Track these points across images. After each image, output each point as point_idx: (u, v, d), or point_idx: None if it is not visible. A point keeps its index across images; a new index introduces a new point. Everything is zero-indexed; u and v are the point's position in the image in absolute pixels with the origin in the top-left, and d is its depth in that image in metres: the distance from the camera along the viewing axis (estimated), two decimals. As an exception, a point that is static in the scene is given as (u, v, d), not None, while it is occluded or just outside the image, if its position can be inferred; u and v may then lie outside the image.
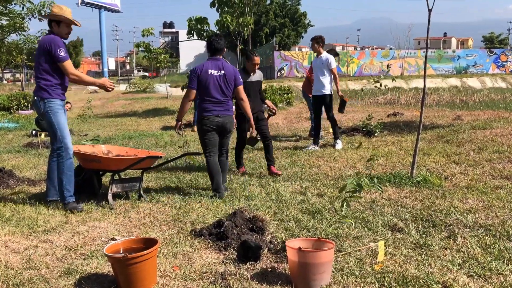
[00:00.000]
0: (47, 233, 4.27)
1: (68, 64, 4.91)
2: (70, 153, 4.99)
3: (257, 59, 6.70)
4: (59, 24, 4.97)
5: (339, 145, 8.47)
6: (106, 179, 6.05)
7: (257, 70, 6.81)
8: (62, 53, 4.83)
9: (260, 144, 7.29)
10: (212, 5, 13.79)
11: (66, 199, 4.94)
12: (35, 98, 4.97)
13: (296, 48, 60.62)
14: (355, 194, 3.95)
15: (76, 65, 71.71)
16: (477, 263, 3.41)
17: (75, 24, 5.11)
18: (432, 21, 5.87)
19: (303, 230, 4.18)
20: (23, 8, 13.73)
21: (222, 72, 5.44)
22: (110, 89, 5.21)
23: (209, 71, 5.40)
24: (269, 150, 6.68)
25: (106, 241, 4.01)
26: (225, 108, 5.50)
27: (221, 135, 5.58)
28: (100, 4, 56.01)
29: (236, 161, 7.11)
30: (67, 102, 7.04)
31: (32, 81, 45.44)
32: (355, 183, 3.85)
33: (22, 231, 4.32)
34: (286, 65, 39.23)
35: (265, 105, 7.28)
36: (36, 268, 3.47)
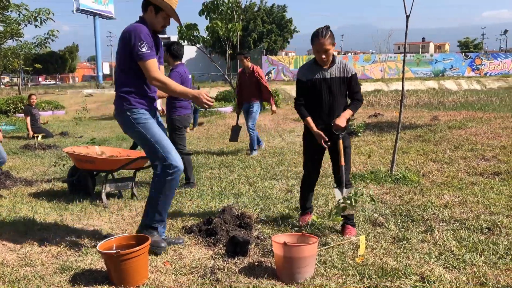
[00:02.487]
0: (42, 232, 4.23)
1: (151, 65, 3.44)
2: (177, 168, 3.54)
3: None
4: (157, 12, 3.56)
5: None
6: (100, 178, 6.02)
7: None
8: (144, 48, 3.39)
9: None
10: (201, 13, 13.76)
11: (154, 222, 3.63)
12: (116, 111, 3.68)
13: (283, 53, 60.71)
14: (344, 212, 3.85)
15: (72, 69, 71.21)
16: (452, 255, 3.44)
17: (176, 20, 3.75)
18: (411, 27, 5.91)
19: (288, 226, 4.19)
20: (19, 14, 13.59)
21: (190, 76, 5.98)
22: (206, 106, 3.55)
23: (188, 75, 5.91)
24: None
25: (100, 239, 3.99)
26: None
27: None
28: (95, 11, 55.56)
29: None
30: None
31: (29, 85, 44.99)
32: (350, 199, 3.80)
33: (19, 229, 4.28)
34: (274, 69, 39.29)
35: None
36: (32, 265, 3.43)
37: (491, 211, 4.47)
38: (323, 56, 3.87)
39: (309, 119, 4.02)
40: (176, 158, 3.55)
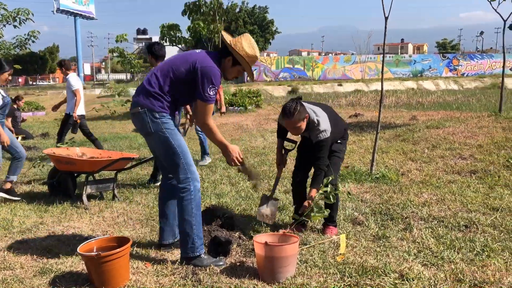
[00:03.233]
0: (22, 234, 4.16)
1: (210, 109, 3.30)
2: (198, 185, 3.39)
3: None
4: (234, 64, 3.39)
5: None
6: (81, 180, 5.93)
7: None
8: (212, 92, 3.23)
9: None
10: (184, 13, 13.69)
11: (198, 250, 3.35)
12: (140, 109, 3.32)
13: (265, 54, 60.79)
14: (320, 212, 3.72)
15: (52, 70, 70.18)
16: (430, 253, 3.48)
17: (249, 74, 3.55)
18: (390, 28, 5.97)
19: (270, 226, 4.19)
20: (-3, 15, 13.35)
21: None
22: (232, 164, 3.48)
23: None
24: None
25: (81, 241, 3.93)
26: None
27: None
28: (75, 11, 54.85)
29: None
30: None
31: (9, 86, 44.13)
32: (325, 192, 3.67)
33: (-3, 232, 4.20)
34: (255, 69, 39.27)
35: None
36: (11, 269, 3.37)
37: (468, 209, 4.54)
38: (293, 132, 3.85)
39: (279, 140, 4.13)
40: (195, 171, 3.39)
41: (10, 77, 5.43)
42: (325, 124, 3.81)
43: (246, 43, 3.33)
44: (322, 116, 3.86)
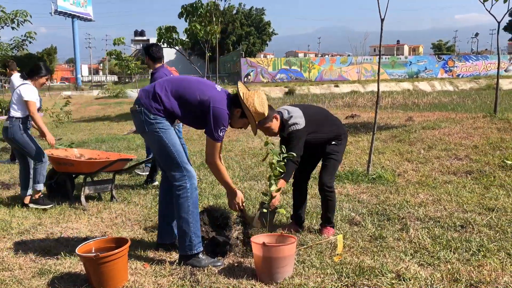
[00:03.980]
0: (20, 235, 4.16)
1: (217, 148, 3.34)
2: (195, 183, 3.41)
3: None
4: (242, 117, 3.42)
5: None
6: (80, 180, 5.92)
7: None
8: (222, 133, 3.29)
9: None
10: (181, 15, 13.67)
11: (195, 248, 3.36)
12: (137, 108, 3.34)
13: (262, 55, 60.79)
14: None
15: (50, 71, 70.00)
16: (427, 253, 3.49)
17: (253, 129, 3.55)
18: (386, 30, 5.98)
19: (267, 226, 4.18)
20: (-5, 16, 13.26)
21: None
22: (233, 208, 3.69)
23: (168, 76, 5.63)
24: None
25: (79, 242, 3.93)
26: None
27: None
28: (73, 13, 54.78)
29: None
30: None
31: (6, 88, 43.95)
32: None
33: (-4, 233, 4.19)
34: (252, 71, 39.28)
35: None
36: (10, 270, 3.36)
37: (464, 209, 4.55)
38: (267, 133, 3.89)
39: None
40: (191, 169, 3.41)
41: (47, 82, 5.31)
42: (296, 119, 3.84)
43: (257, 100, 3.35)
44: (294, 112, 3.90)
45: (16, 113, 5.06)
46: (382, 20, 5.92)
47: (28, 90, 5.07)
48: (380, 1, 5.93)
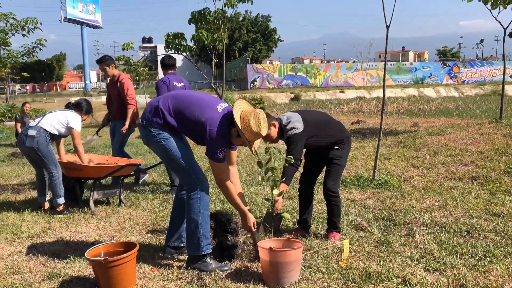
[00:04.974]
0: (30, 239, 4.18)
1: (222, 167, 3.36)
2: (207, 186, 3.44)
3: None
4: (239, 136, 3.36)
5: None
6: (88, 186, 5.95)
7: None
8: (222, 154, 3.28)
9: None
10: (190, 21, 13.74)
11: (203, 249, 3.37)
12: (141, 121, 3.45)
13: (268, 61, 60.92)
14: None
15: (60, 78, 70.54)
16: (433, 258, 3.48)
17: (249, 148, 3.48)
18: (391, 36, 5.99)
19: (272, 231, 4.18)
20: (6, 24, 13.41)
21: (182, 84, 6.12)
22: (246, 229, 3.64)
23: (174, 83, 6.01)
24: None
25: (88, 246, 3.95)
26: None
27: None
28: (82, 20, 55.21)
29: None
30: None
31: (16, 94, 44.26)
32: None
33: (6, 237, 4.22)
34: (258, 77, 39.36)
35: None
36: (20, 273, 3.38)
37: (469, 215, 4.53)
38: (267, 140, 3.90)
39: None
40: (200, 172, 3.43)
41: (85, 119, 5.48)
42: (294, 124, 3.85)
43: (253, 121, 3.28)
44: (293, 117, 3.91)
45: (51, 128, 5.06)
46: (388, 27, 5.93)
47: (77, 121, 5.24)
48: (385, 8, 5.95)
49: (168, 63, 6.17)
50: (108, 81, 6.63)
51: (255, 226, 3.54)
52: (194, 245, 3.37)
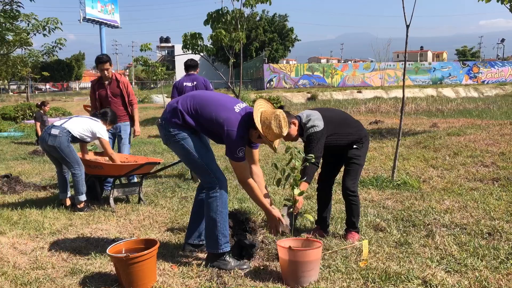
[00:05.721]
0: (52, 235, 4.25)
1: (243, 167, 3.37)
2: (226, 185, 3.46)
3: None
4: (259, 137, 3.37)
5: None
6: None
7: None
8: (241, 153, 3.29)
9: None
10: (206, 22, 13.80)
11: (221, 247, 3.39)
12: (160, 121, 3.48)
13: (284, 61, 60.84)
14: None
15: (78, 77, 71.44)
16: (454, 260, 3.44)
17: (271, 146, 3.45)
18: (410, 36, 5.94)
19: (292, 230, 4.18)
20: (28, 24, 13.62)
21: (194, 83, 6.74)
22: (274, 232, 3.61)
23: (184, 83, 6.76)
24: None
25: (108, 242, 4.00)
26: None
27: None
28: (100, 20, 55.70)
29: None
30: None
31: (36, 92, 45.04)
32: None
33: (29, 233, 4.30)
34: (275, 76, 39.33)
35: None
36: (43, 268, 3.44)
37: (491, 217, 4.47)
38: (287, 139, 3.86)
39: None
40: (218, 170, 3.45)
41: (109, 129, 5.56)
42: (314, 122, 3.83)
43: (274, 123, 3.28)
44: (313, 115, 3.89)
45: (74, 130, 5.13)
46: (408, 26, 5.88)
47: (103, 130, 5.32)
48: (405, 8, 5.90)
49: (190, 64, 6.86)
50: (97, 82, 6.24)
51: (282, 223, 3.51)
52: (212, 243, 3.40)
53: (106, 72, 6.08)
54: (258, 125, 3.28)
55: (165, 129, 3.42)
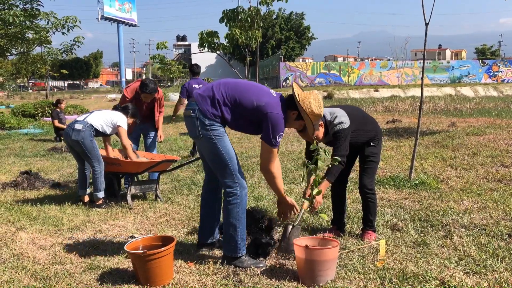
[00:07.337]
0: (71, 231, 4.31)
1: (275, 154, 3.31)
2: (246, 190, 3.44)
3: None
4: (298, 119, 3.38)
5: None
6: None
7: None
8: (279, 139, 3.26)
9: None
10: (222, 20, 13.83)
11: (240, 251, 3.39)
12: (192, 113, 3.28)
13: (300, 59, 60.68)
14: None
15: (96, 75, 72.26)
16: (472, 261, 3.39)
17: (310, 130, 3.44)
18: (428, 34, 5.87)
19: (309, 229, 4.18)
20: (48, 22, 13.82)
21: (201, 85, 7.68)
22: (283, 217, 3.69)
23: (193, 85, 8.01)
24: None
25: (126, 239, 4.04)
26: None
27: None
28: (118, 19, 56.25)
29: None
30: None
31: (55, 90, 45.69)
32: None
33: (48, 229, 4.36)
34: (291, 75, 39.26)
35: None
36: (62, 264, 3.49)
37: (511, 218, 4.40)
38: (314, 140, 3.71)
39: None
40: (242, 177, 3.40)
41: (130, 123, 5.57)
42: (341, 118, 3.77)
43: (314, 102, 3.28)
44: (337, 112, 3.82)
45: (97, 124, 5.18)
46: (427, 24, 5.81)
47: (123, 120, 5.35)
48: (424, 5, 5.83)
49: (196, 71, 8.37)
50: (133, 91, 6.14)
51: (295, 213, 3.48)
52: (231, 248, 3.39)
53: (149, 99, 6.04)
54: (299, 99, 3.23)
55: (200, 121, 3.24)
